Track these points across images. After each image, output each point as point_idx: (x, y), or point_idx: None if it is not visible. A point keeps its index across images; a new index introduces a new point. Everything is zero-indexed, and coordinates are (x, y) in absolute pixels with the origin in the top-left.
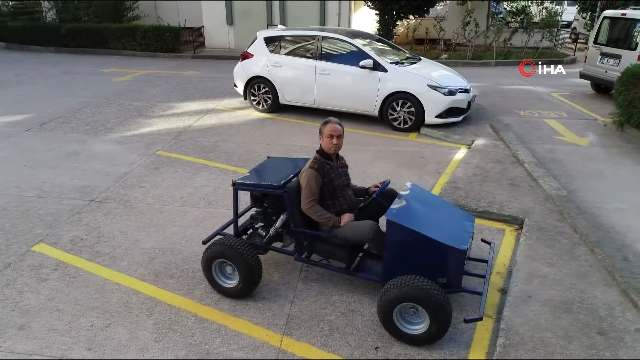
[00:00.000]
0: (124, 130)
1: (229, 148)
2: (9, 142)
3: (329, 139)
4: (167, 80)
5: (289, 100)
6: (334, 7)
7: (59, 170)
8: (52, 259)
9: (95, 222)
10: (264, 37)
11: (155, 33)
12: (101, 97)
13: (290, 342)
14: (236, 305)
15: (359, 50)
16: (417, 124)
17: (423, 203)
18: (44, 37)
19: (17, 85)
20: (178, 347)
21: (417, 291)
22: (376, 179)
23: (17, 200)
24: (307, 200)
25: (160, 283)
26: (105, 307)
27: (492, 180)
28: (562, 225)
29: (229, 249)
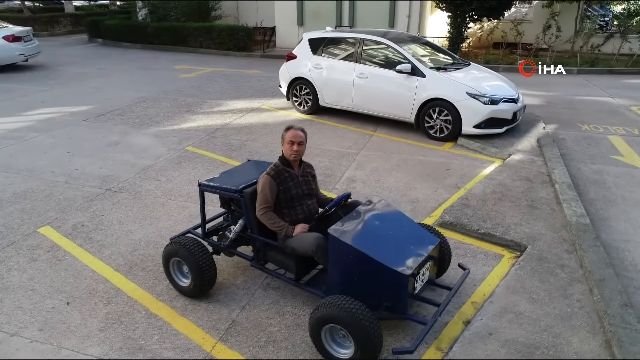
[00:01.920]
0: (167, 124)
1: (255, 147)
2: (64, 131)
3: (290, 145)
4: (228, 78)
5: (328, 103)
6: (404, 9)
7: (93, 159)
8: (50, 242)
9: (101, 210)
10: (308, 39)
11: (229, 32)
12: (162, 92)
13: (222, 349)
14: (189, 305)
15: (398, 54)
16: (454, 133)
17: (381, 220)
18: (133, 35)
19: (96, 78)
20: (116, 339)
21: (340, 313)
22: (388, 189)
23: (46, 184)
24: (260, 207)
25: (130, 274)
26: (72, 292)
27: (510, 199)
28: (569, 257)
29: (182, 249)
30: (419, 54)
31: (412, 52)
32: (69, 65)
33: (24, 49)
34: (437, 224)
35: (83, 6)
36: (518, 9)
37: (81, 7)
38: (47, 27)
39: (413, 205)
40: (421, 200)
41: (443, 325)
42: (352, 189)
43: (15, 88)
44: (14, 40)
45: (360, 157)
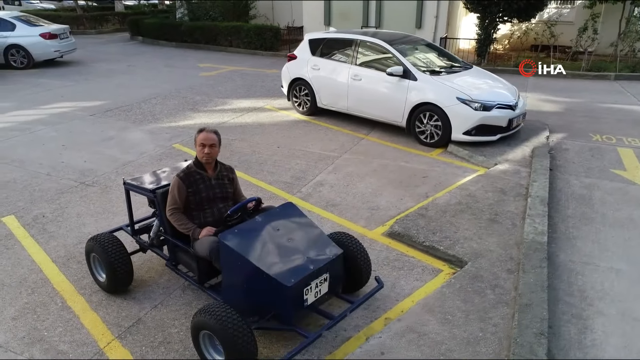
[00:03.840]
0: (166, 121)
1: (239, 147)
2: (69, 125)
3: (201, 147)
4: (245, 77)
5: (325, 104)
6: (432, 9)
7: (82, 153)
8: (7, 231)
9: (66, 203)
10: (308, 39)
11: (257, 32)
12: (175, 89)
13: (115, 346)
14: (105, 300)
15: (392, 56)
16: (445, 139)
17: (283, 227)
18: (169, 33)
19: (122, 74)
20: (23, 329)
21: (211, 320)
22: (353, 195)
23: (29, 175)
24: (169, 207)
25: (64, 267)
26: (4, 280)
27: (472, 212)
28: (507, 278)
29: (97, 245)
30: (416, 57)
31: (407, 54)
32: (101, 62)
33: (59, 46)
34: (386, 234)
35: (133, 5)
36: (559, 10)
37: (131, 6)
38: (96, 25)
39: (371, 212)
40: (382, 208)
41: (344, 340)
42: (317, 192)
43: (44, 83)
44: (49, 37)
45: (340, 160)
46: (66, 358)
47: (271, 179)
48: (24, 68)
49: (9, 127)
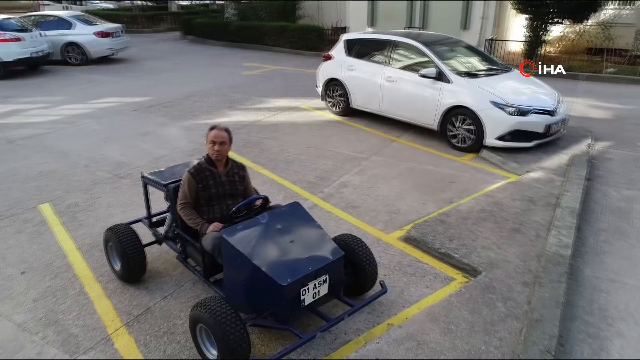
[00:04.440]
0: (203, 118)
1: (269, 146)
2: (112, 119)
3: (211, 145)
4: (285, 77)
5: (359, 105)
6: (479, 10)
7: (119, 146)
8: (41, 217)
9: (99, 193)
10: (345, 40)
11: (302, 32)
12: (216, 87)
13: (122, 333)
14: (119, 288)
15: (427, 58)
16: (477, 144)
17: (286, 227)
18: (217, 33)
19: (168, 72)
20: (42, 311)
21: (206, 314)
22: (375, 197)
23: (68, 166)
24: (179, 202)
25: (87, 254)
26: (32, 263)
27: (495, 221)
28: (521, 291)
29: (113, 235)
30: (452, 59)
31: (442, 56)
32: (150, 60)
33: (112, 44)
34: (402, 239)
35: (187, 5)
36: (618, 11)
37: (185, 6)
38: (151, 24)
39: (391, 216)
40: (402, 212)
41: (343, 343)
42: (339, 193)
43: (95, 78)
44: (104, 35)
45: (368, 162)
46: (76, 341)
47: (295, 178)
48: (79, 64)
49: (58, 120)
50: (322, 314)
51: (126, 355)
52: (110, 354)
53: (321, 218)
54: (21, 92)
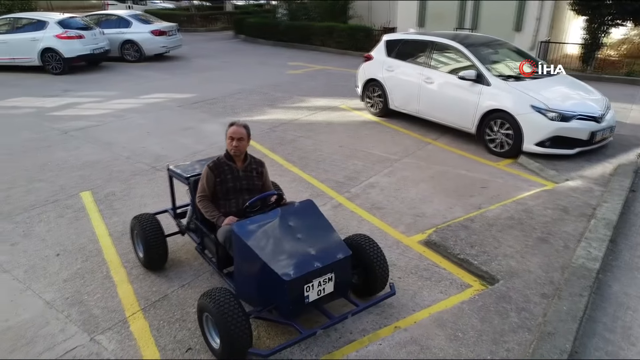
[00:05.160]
0: (243, 115)
1: (302, 144)
2: (158, 114)
3: (230, 140)
4: (329, 76)
5: (397, 107)
6: (534, 10)
7: (160, 140)
8: (81, 204)
9: (135, 184)
10: (385, 40)
11: (349, 32)
12: (260, 86)
13: (138, 317)
14: (142, 275)
15: (467, 60)
16: (515, 149)
17: (296, 223)
18: (267, 32)
19: (216, 70)
20: (70, 291)
21: (210, 304)
22: (401, 200)
23: (112, 157)
24: (198, 194)
25: (117, 240)
26: (67, 246)
27: (522, 229)
28: (539, 302)
29: (138, 223)
30: (494, 61)
31: (483, 58)
32: (200, 58)
33: (166, 42)
34: (423, 242)
35: (241, 5)
36: None
37: (240, 6)
38: (206, 24)
39: (415, 219)
40: (427, 216)
41: (347, 343)
42: (365, 194)
43: (148, 75)
44: (159, 34)
45: (399, 164)
46: (95, 322)
47: (324, 177)
48: (135, 61)
49: (108, 113)
50: (327, 311)
51: (139, 338)
52: (124, 336)
53: (344, 218)
54: (79, 86)
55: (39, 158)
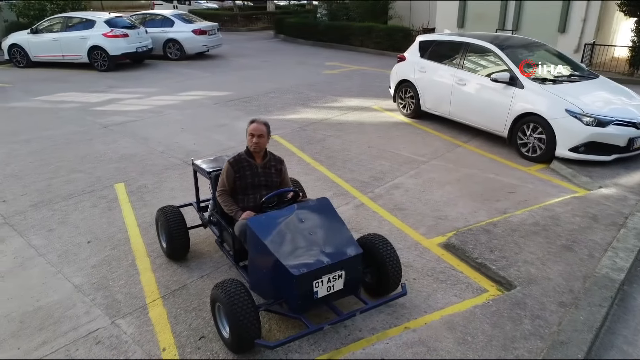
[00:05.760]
0: (276, 114)
1: (331, 144)
2: (194, 111)
3: (250, 137)
4: (364, 77)
5: (429, 108)
6: (580, 11)
7: (194, 136)
8: (114, 195)
9: (166, 177)
10: (419, 41)
11: (388, 33)
12: (295, 85)
13: (157, 304)
14: (165, 264)
15: (501, 62)
16: (548, 154)
17: (310, 220)
18: (307, 32)
19: (254, 69)
20: (97, 276)
21: (221, 295)
22: (424, 202)
23: (147, 151)
24: (218, 189)
25: (144, 231)
26: (98, 234)
27: (546, 235)
28: (555, 311)
29: (162, 215)
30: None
31: (518, 60)
32: (240, 57)
33: (206, 41)
34: (442, 245)
35: (283, 5)
36: None
37: (282, 6)
38: (247, 23)
39: (436, 221)
40: (449, 219)
41: (355, 340)
42: (389, 195)
43: (188, 73)
44: (200, 33)
45: (427, 166)
46: (118, 306)
47: (349, 176)
48: (177, 60)
49: (147, 109)
50: (336, 308)
51: (156, 324)
52: (143, 321)
53: (365, 217)
54: (123, 83)
55: (80, 150)
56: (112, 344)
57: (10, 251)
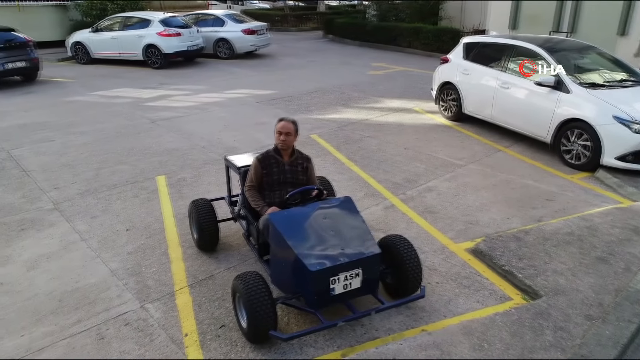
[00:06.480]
0: (316, 113)
1: (368, 144)
2: (237, 109)
3: (278, 135)
4: (409, 78)
5: (470, 111)
6: None
7: (235, 133)
8: (155, 186)
9: (205, 172)
10: (464, 43)
11: (436, 34)
12: (338, 85)
13: (184, 292)
14: (195, 254)
15: (547, 65)
16: (593, 162)
17: (331, 218)
18: (355, 33)
19: (299, 68)
20: (131, 262)
21: (240, 286)
22: (456, 206)
23: (189, 146)
24: (246, 184)
25: (179, 222)
26: (136, 223)
27: (580, 246)
28: (580, 323)
29: (194, 207)
30: (577, 67)
31: (565, 63)
32: (287, 57)
33: (255, 41)
34: (470, 250)
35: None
36: None
37: (333, 6)
38: (298, 24)
39: (467, 226)
40: (480, 224)
41: (371, 339)
42: (420, 197)
43: (235, 71)
44: (249, 33)
45: (463, 170)
46: (148, 292)
47: (382, 177)
48: (226, 58)
49: (193, 106)
50: (352, 306)
51: (181, 310)
52: (169, 307)
53: (393, 219)
54: (173, 80)
55: (128, 143)
56: (139, 326)
57: (57, 235)
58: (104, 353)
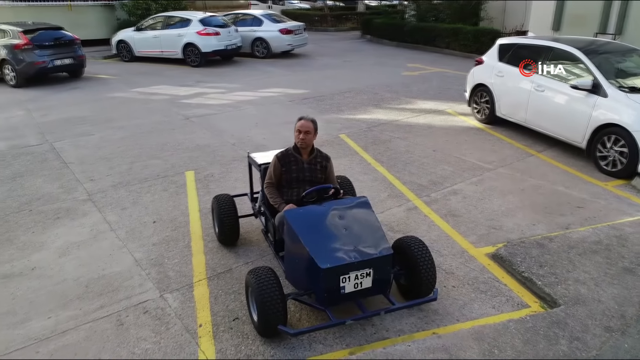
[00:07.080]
0: (347, 113)
1: (396, 145)
2: (270, 107)
3: (297, 133)
4: (444, 79)
5: (504, 114)
6: None
7: (265, 131)
8: (183, 181)
9: (232, 168)
10: (499, 44)
11: (475, 35)
12: (371, 86)
13: (202, 284)
14: (216, 248)
15: (585, 68)
16: (630, 169)
17: (346, 217)
18: (393, 33)
19: (333, 68)
20: (155, 253)
21: (252, 281)
22: (481, 210)
23: (219, 143)
24: (265, 181)
25: (203, 216)
26: (163, 216)
27: (607, 255)
28: (598, 334)
29: (216, 202)
30: (618, 70)
31: (605, 66)
32: (323, 56)
33: (291, 40)
34: (490, 255)
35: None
36: None
37: (372, 6)
38: (336, 24)
39: (489, 230)
40: (504, 229)
41: (380, 339)
42: (445, 200)
43: (271, 71)
44: (286, 32)
45: (491, 173)
46: (168, 282)
47: (408, 179)
48: (263, 57)
49: (226, 104)
50: (362, 305)
51: (198, 301)
52: (187, 298)
53: (415, 221)
54: (210, 78)
55: (162, 138)
56: (157, 315)
57: (89, 224)
58: (122, 338)
